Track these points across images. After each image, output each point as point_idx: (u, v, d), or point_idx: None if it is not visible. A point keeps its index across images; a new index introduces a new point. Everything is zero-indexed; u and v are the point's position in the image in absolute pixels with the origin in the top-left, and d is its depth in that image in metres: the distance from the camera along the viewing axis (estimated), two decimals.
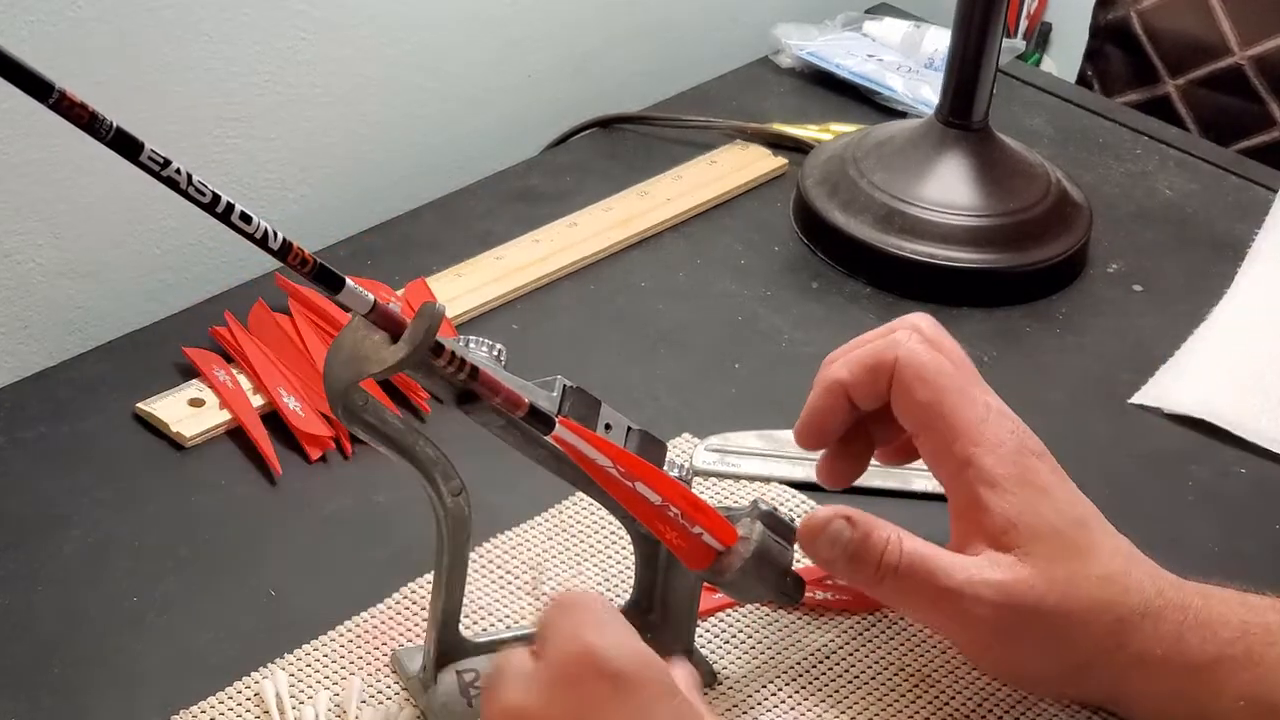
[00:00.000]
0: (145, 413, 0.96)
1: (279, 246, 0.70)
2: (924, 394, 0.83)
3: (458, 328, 1.04)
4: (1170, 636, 0.80)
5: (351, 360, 0.74)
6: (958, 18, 1.11)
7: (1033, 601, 0.79)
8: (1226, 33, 1.35)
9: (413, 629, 0.85)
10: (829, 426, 0.87)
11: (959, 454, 0.82)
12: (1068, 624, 0.80)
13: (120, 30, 1.04)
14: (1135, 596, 0.80)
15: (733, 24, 1.38)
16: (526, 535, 0.91)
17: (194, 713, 0.80)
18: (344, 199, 1.19)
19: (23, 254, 1.04)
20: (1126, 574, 0.80)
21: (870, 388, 0.84)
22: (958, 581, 0.79)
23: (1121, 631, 0.80)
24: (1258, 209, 1.20)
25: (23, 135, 1.01)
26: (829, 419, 0.86)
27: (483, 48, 1.23)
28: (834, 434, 0.87)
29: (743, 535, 0.80)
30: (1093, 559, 0.80)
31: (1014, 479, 0.81)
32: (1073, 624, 0.80)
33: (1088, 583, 0.80)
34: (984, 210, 1.12)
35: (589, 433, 0.77)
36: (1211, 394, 1.03)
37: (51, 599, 0.86)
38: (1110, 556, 0.81)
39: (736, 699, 0.83)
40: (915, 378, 0.83)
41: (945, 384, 0.83)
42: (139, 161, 0.66)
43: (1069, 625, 0.80)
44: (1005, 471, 0.81)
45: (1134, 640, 0.80)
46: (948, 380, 0.83)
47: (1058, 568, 0.80)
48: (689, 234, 1.15)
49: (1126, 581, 0.80)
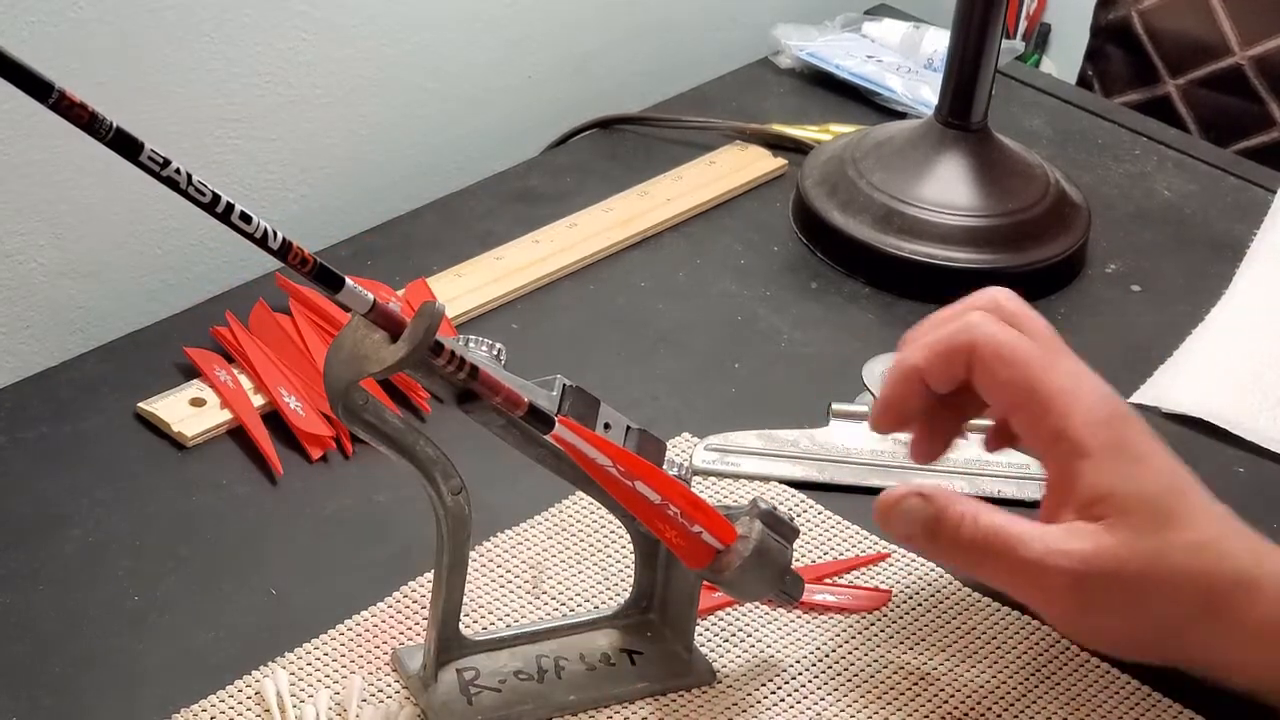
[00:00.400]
0: (146, 412, 0.97)
1: (279, 246, 0.70)
2: (1007, 374, 0.82)
3: (458, 328, 1.04)
4: (1269, 607, 0.78)
5: (352, 360, 0.74)
6: (957, 18, 1.11)
7: (1113, 569, 0.78)
8: (1227, 33, 1.35)
9: (413, 628, 0.85)
10: (907, 411, 0.86)
11: (1051, 428, 0.80)
12: (1152, 592, 0.79)
13: (121, 31, 1.04)
14: (1229, 564, 0.79)
15: (733, 24, 1.38)
16: (526, 535, 0.91)
17: (194, 712, 0.80)
18: (344, 199, 1.19)
19: (24, 254, 1.05)
20: (1221, 542, 0.79)
21: (946, 373, 0.84)
22: (1036, 553, 0.79)
23: (1214, 600, 0.79)
24: (1256, 209, 1.20)
25: (24, 136, 1.01)
26: (906, 404, 0.85)
27: (483, 48, 1.23)
28: (913, 417, 0.86)
29: (742, 534, 0.80)
30: (1185, 527, 0.79)
31: (1108, 448, 0.80)
32: (1158, 592, 0.79)
33: (1176, 551, 0.79)
34: (983, 210, 1.12)
35: (588, 432, 0.77)
36: (1210, 394, 1.03)
37: (51, 599, 0.86)
38: (1205, 524, 0.80)
39: (736, 698, 0.83)
40: (996, 359, 0.82)
41: (1028, 360, 0.82)
42: (139, 161, 0.66)
43: (1154, 593, 0.79)
44: (1099, 441, 0.80)
45: (1229, 609, 0.79)
46: (1030, 356, 0.82)
47: (1146, 536, 0.79)
48: (689, 234, 1.15)
49: (1220, 549, 0.79)
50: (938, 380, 0.84)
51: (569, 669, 0.83)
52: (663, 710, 0.83)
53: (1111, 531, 0.79)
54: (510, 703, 0.81)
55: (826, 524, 0.93)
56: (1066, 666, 0.86)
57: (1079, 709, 0.84)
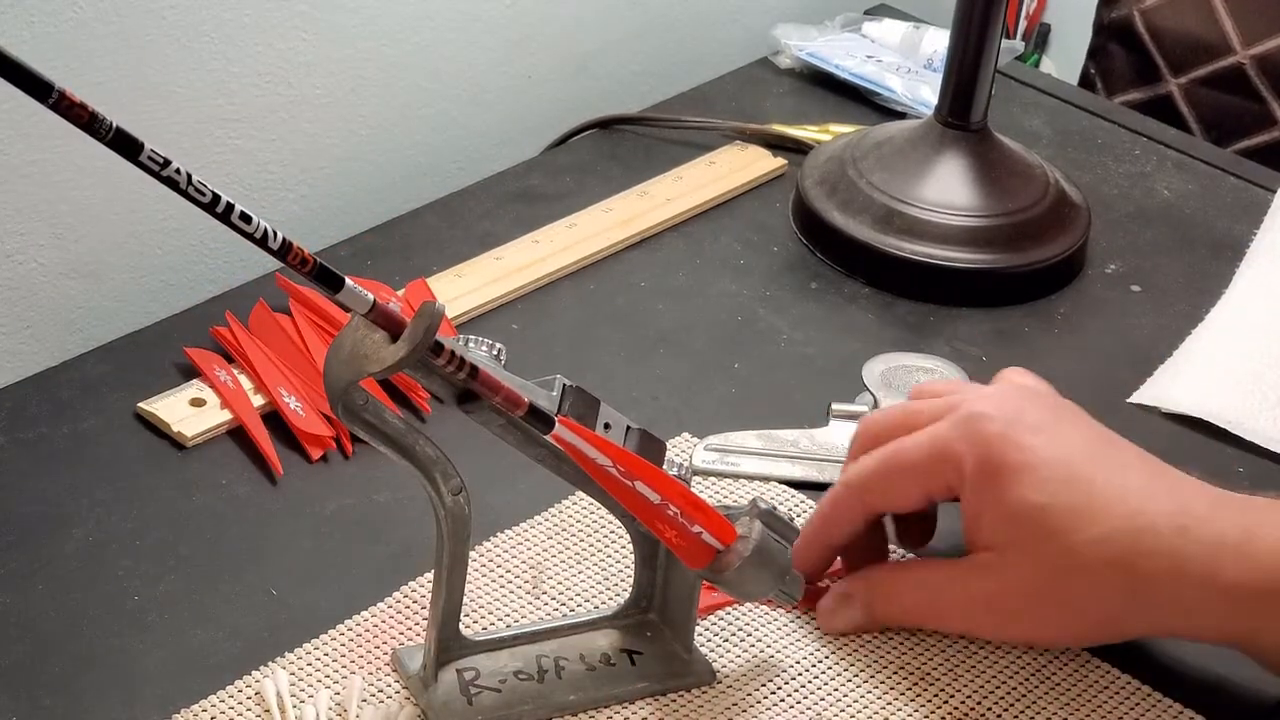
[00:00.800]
0: (146, 412, 0.97)
1: (279, 246, 0.70)
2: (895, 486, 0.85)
3: (458, 328, 1.04)
4: (1199, 575, 0.79)
5: (351, 359, 0.74)
6: (957, 18, 1.11)
7: (1027, 592, 0.82)
8: (1229, 32, 1.35)
9: (413, 628, 0.85)
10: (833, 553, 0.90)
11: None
12: (1074, 594, 0.81)
13: (121, 31, 1.04)
14: (1149, 543, 0.80)
15: (733, 24, 1.38)
16: (526, 535, 0.91)
17: (194, 712, 0.80)
18: (344, 199, 1.19)
19: (24, 254, 1.05)
20: (1134, 524, 0.80)
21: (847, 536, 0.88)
22: (957, 616, 0.85)
23: (1141, 582, 0.80)
24: (1256, 209, 1.20)
25: (24, 137, 1.01)
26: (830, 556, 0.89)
27: (483, 48, 1.23)
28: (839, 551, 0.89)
29: (742, 534, 0.80)
30: (1089, 522, 0.80)
31: (975, 481, 0.82)
32: (1080, 592, 0.81)
33: (1086, 548, 0.80)
34: (983, 211, 1.12)
35: (588, 432, 0.77)
36: (1210, 394, 1.03)
37: (51, 599, 0.86)
38: (1113, 510, 0.80)
39: (736, 698, 0.83)
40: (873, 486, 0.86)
41: (905, 465, 0.84)
42: (139, 161, 0.66)
43: (1076, 595, 0.81)
44: (972, 487, 0.82)
45: (1159, 586, 0.80)
46: (902, 460, 0.84)
47: (1043, 546, 0.81)
48: (688, 234, 1.15)
49: (1136, 532, 0.80)
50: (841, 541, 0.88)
51: (569, 669, 0.83)
52: (663, 710, 0.83)
53: (1006, 558, 0.82)
54: (510, 703, 0.81)
55: None
56: (1067, 667, 0.86)
57: (1079, 709, 0.84)
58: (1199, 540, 0.80)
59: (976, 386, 0.88)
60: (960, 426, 0.83)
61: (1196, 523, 0.80)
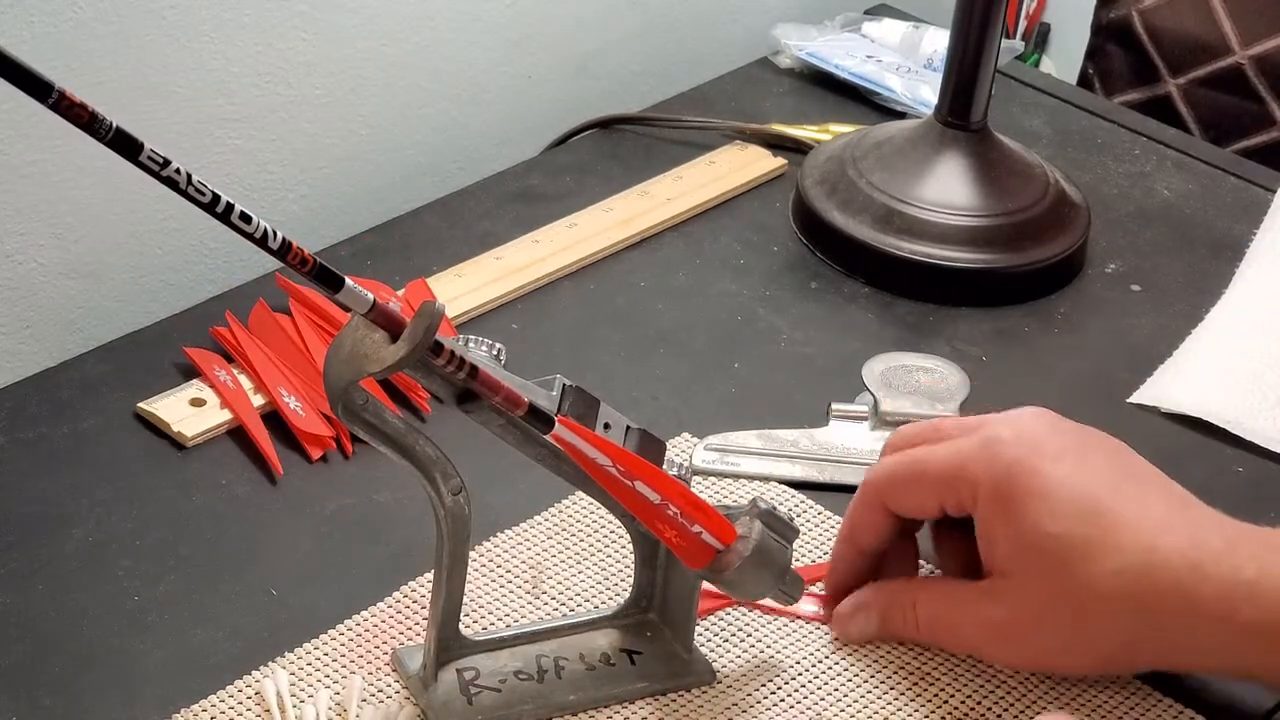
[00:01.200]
0: (146, 412, 0.97)
1: (279, 246, 0.70)
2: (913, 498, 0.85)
3: (458, 328, 1.04)
4: (1213, 613, 0.79)
5: (351, 359, 0.74)
6: (957, 18, 1.11)
7: (1038, 621, 0.82)
8: (1227, 32, 1.35)
9: (413, 628, 0.85)
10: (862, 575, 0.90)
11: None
12: (1086, 626, 0.81)
13: (121, 31, 1.04)
14: (1161, 578, 0.79)
15: (733, 24, 1.38)
16: (526, 535, 0.91)
17: (194, 711, 0.80)
18: (344, 199, 1.19)
19: (24, 254, 1.05)
20: (1149, 559, 0.80)
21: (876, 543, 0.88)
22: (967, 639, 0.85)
23: (1154, 618, 0.80)
24: (1256, 209, 1.20)
25: (24, 136, 1.01)
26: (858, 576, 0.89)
27: (483, 48, 1.23)
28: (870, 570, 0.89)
29: (742, 534, 0.80)
30: (1102, 555, 0.80)
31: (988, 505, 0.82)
32: (1092, 624, 0.81)
33: (1099, 580, 0.80)
34: (983, 210, 1.12)
35: (588, 432, 0.77)
36: (1209, 393, 1.03)
37: (51, 599, 0.86)
38: (1127, 544, 0.80)
39: (736, 698, 0.83)
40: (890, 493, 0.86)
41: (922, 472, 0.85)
42: (139, 161, 0.66)
43: (1088, 626, 0.81)
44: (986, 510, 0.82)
45: (1172, 622, 0.80)
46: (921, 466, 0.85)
47: (1056, 576, 0.81)
48: (688, 234, 1.15)
49: (1149, 567, 0.79)
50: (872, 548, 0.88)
51: (569, 669, 0.83)
52: (663, 710, 0.83)
53: (1023, 586, 0.82)
54: (510, 703, 0.81)
55: (826, 524, 0.93)
56: None
57: (1079, 709, 0.84)
58: (1212, 578, 0.79)
59: (1009, 412, 0.87)
60: (979, 448, 0.83)
61: (1212, 559, 0.79)
